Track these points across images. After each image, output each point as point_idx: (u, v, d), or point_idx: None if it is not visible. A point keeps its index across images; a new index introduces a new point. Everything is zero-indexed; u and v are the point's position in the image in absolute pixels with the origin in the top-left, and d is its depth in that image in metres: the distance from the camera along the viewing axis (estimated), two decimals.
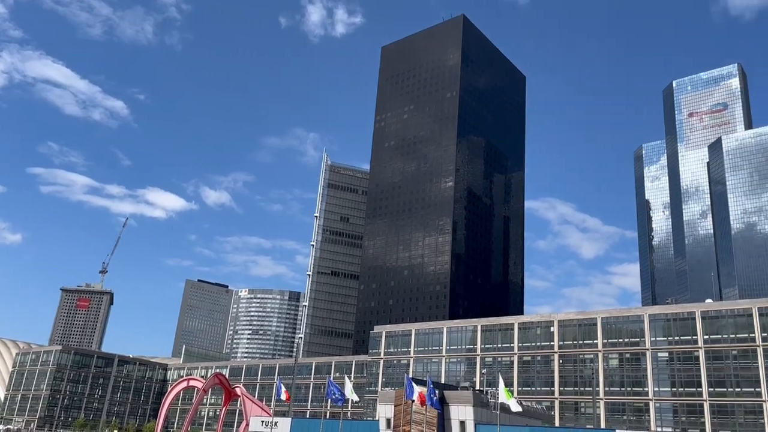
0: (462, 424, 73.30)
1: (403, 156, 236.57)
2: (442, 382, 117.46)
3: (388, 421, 78.35)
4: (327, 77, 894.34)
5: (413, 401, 73.51)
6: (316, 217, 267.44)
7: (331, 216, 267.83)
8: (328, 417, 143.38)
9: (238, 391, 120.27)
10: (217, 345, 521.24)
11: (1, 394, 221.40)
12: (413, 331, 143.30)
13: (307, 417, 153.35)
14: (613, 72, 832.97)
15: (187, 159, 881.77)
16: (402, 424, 76.27)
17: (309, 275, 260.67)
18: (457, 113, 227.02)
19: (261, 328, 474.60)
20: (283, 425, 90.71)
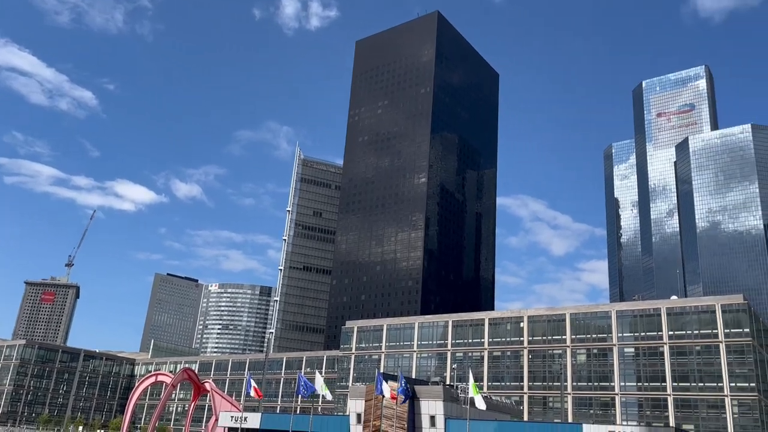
0: (432, 419, 73.67)
1: (377, 151, 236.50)
2: (413, 377, 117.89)
3: (359, 416, 78.40)
4: (301, 71, 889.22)
5: (383, 396, 73.67)
6: (289, 211, 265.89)
7: (303, 211, 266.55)
8: (298, 412, 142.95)
9: (207, 386, 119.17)
10: (186, 340, 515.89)
11: None
12: (385, 326, 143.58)
13: (278, 412, 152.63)
14: (585, 71, 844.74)
15: (157, 151, 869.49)
16: (372, 419, 76.38)
17: (281, 270, 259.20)
18: (430, 109, 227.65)
19: (231, 323, 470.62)
20: (253, 420, 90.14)
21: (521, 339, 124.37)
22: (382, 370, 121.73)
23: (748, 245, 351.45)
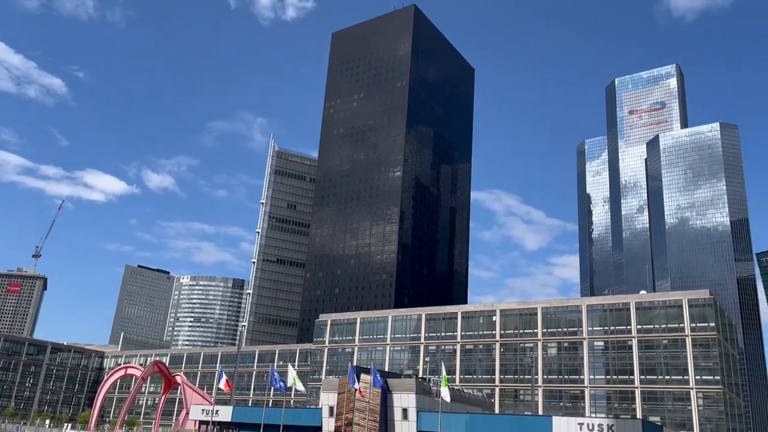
0: (404, 412, 73.99)
1: (352, 144, 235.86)
2: (386, 370, 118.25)
3: (331, 408, 78.38)
4: (276, 62, 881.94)
5: (356, 389, 73.75)
6: (262, 203, 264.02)
7: (277, 203, 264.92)
8: (270, 405, 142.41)
9: (178, 379, 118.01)
10: (157, 333, 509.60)
11: None
12: (358, 319, 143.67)
13: (250, 405, 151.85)
14: (559, 67, 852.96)
15: (128, 140, 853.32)
16: (345, 411, 76.42)
17: (254, 263, 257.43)
18: (406, 103, 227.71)
19: (203, 316, 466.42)
20: (225, 413, 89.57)
21: (493, 332, 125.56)
22: (355, 363, 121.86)
23: (714, 241, 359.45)
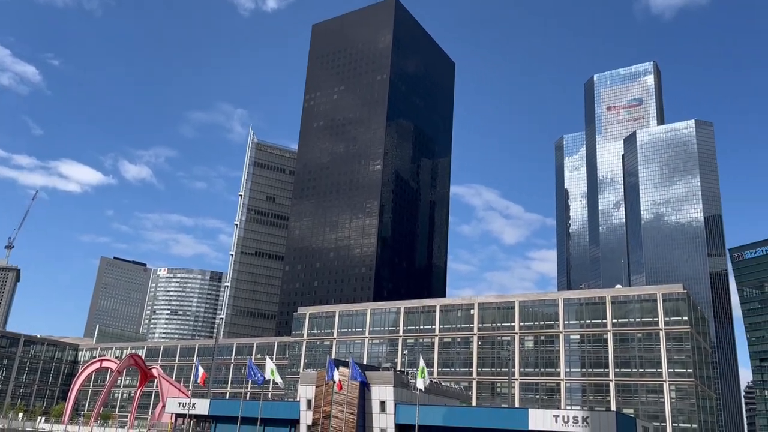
0: (382, 404, 74.29)
1: (332, 137, 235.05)
2: (365, 363, 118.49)
3: (309, 401, 78.39)
4: (256, 53, 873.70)
5: (334, 382, 73.83)
6: (241, 195, 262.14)
7: (256, 195, 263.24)
8: (248, 398, 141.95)
9: (154, 372, 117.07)
10: (133, 325, 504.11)
11: None
12: (337, 312, 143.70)
13: (227, 398, 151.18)
14: (539, 63, 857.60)
15: (105, 131, 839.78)
16: (323, 404, 76.48)
17: (232, 255, 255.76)
18: (387, 97, 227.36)
19: (180, 308, 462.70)
20: (202, 407, 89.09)
21: (471, 326, 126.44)
22: (333, 357, 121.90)
23: (689, 237, 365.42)
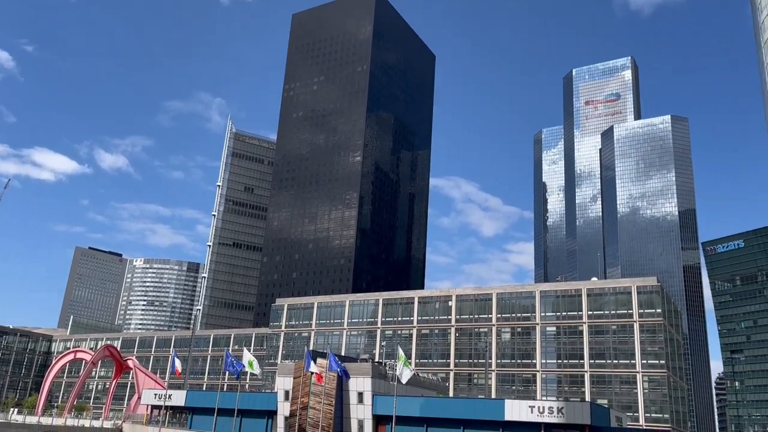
0: (360, 395, 74.51)
1: (312, 128, 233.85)
2: (343, 354, 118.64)
3: (287, 393, 78.33)
4: (236, 42, 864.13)
5: (312, 373, 73.79)
6: (219, 186, 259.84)
7: (234, 186, 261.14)
8: (225, 389, 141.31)
9: (130, 363, 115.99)
10: (108, 316, 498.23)
11: None
12: (315, 304, 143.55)
13: (204, 390, 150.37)
14: (519, 57, 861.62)
15: (80, 119, 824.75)
16: (301, 395, 76.46)
17: (209, 246, 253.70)
18: (367, 88, 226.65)
19: (157, 299, 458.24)
20: (178, 398, 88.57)
21: (449, 317, 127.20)
22: (311, 348, 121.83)
23: (663, 230, 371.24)
